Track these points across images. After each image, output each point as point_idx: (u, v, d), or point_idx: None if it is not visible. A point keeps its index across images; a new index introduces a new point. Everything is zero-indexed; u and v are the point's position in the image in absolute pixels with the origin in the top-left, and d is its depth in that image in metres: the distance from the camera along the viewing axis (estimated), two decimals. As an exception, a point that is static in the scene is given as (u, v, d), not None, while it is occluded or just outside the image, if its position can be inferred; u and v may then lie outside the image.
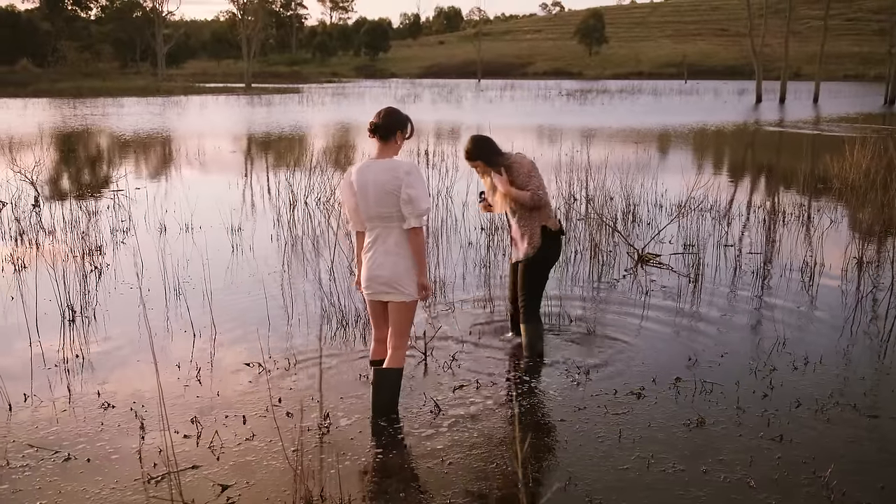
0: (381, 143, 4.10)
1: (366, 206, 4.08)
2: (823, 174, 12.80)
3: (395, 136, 4.09)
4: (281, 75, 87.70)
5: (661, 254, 7.90)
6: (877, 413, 4.29)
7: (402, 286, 4.11)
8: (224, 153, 17.96)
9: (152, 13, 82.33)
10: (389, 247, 4.08)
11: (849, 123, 27.19)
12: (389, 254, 4.09)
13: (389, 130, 4.08)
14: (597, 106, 39.12)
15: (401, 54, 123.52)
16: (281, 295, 6.50)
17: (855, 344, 5.41)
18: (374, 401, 4.27)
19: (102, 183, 13.26)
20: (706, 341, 5.43)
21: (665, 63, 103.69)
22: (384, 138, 4.09)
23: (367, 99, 46.30)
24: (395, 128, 4.08)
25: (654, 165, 14.50)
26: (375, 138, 4.11)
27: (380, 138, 4.09)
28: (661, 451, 3.84)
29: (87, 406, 4.39)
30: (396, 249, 4.08)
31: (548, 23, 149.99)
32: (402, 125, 4.11)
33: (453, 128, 25.40)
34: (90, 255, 7.69)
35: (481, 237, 8.69)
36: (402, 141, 4.14)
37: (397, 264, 4.08)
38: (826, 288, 6.77)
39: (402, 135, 4.12)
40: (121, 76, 71.30)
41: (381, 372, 4.25)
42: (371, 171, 4.05)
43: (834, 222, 9.60)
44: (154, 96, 47.24)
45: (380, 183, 4.00)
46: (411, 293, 4.13)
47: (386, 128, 4.07)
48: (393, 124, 4.08)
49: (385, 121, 4.07)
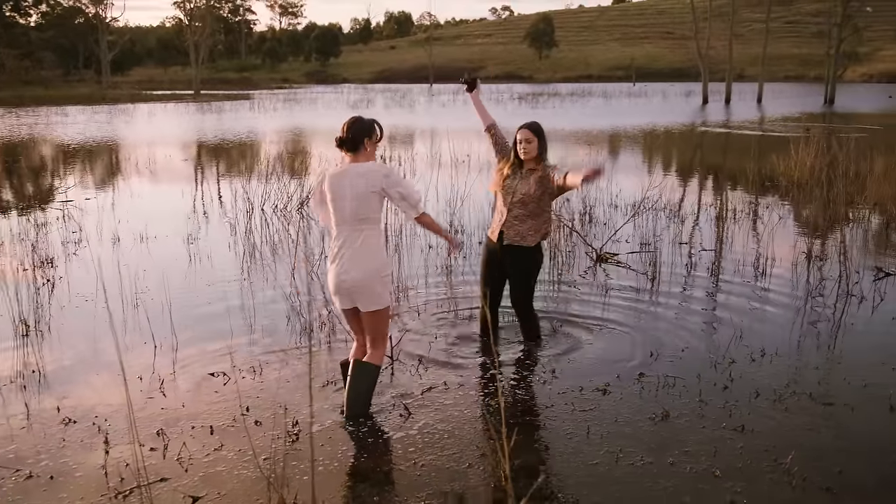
0: (351, 154, 4.15)
1: (341, 209, 4.11)
2: (770, 173, 13.15)
3: (363, 145, 4.13)
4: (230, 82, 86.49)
5: (619, 253, 8.03)
6: (831, 401, 4.44)
7: (370, 294, 4.14)
8: (175, 161, 17.67)
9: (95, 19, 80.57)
10: (357, 249, 4.11)
11: (794, 123, 27.99)
12: (356, 258, 4.11)
13: (356, 141, 4.12)
14: (548, 109, 39.54)
15: (352, 59, 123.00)
16: (242, 303, 6.44)
17: (807, 335, 5.60)
18: (350, 392, 4.29)
19: (51, 194, 12.94)
20: (667, 337, 5.55)
21: (614, 66, 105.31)
22: (352, 150, 4.13)
23: (319, 104, 46.02)
24: (360, 137, 4.12)
25: (608, 167, 14.72)
26: (344, 151, 4.14)
27: (348, 150, 4.14)
28: (628, 445, 3.91)
29: (46, 422, 4.29)
30: (364, 252, 4.10)
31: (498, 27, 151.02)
32: (367, 133, 4.14)
33: (408, 132, 25.40)
34: (41, 268, 7.50)
35: (441, 240, 8.71)
36: (372, 147, 4.17)
37: (365, 270, 4.10)
38: (778, 281, 6.97)
39: (371, 141, 4.15)
40: (64, 84, 69.56)
41: (360, 364, 4.28)
42: (347, 175, 4.10)
43: (782, 218, 9.88)
44: (99, 104, 46.19)
45: (356, 186, 4.06)
46: (381, 300, 4.16)
47: (352, 140, 4.11)
48: (358, 134, 4.11)
49: (349, 133, 4.11)
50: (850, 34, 49.43)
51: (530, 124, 5.13)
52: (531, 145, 5.07)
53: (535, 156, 5.10)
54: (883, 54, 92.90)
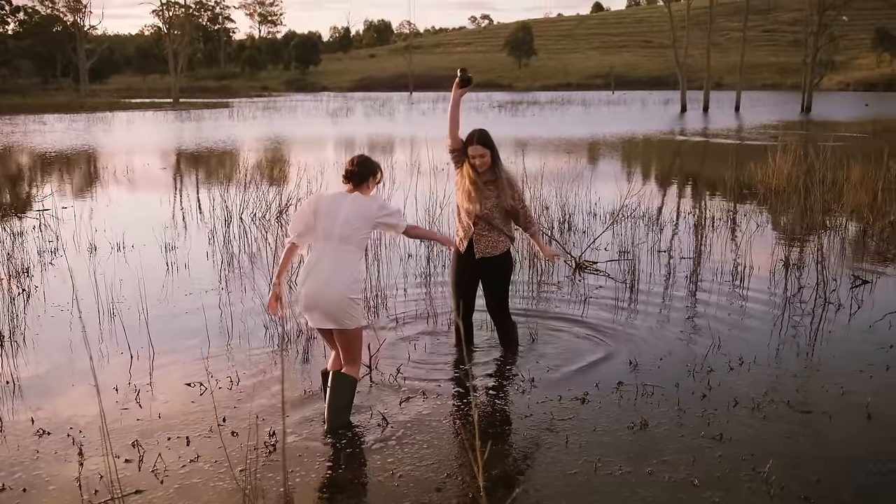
0: (355, 188, 4.35)
1: (329, 227, 4.20)
2: (748, 181, 13.28)
3: (367, 182, 4.37)
4: (210, 90, 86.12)
5: (598, 261, 8.06)
6: (809, 409, 4.47)
7: (345, 316, 4.17)
8: (154, 170, 17.55)
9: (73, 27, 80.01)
10: (332, 268, 4.15)
11: (773, 131, 28.28)
12: (329, 277, 4.13)
13: (363, 178, 4.36)
14: (528, 117, 39.71)
15: (332, 68, 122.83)
16: (220, 313, 6.39)
17: (786, 343, 5.63)
18: (329, 404, 4.28)
19: (27, 203, 12.78)
20: (645, 345, 5.56)
21: (593, 74, 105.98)
22: (358, 184, 4.35)
23: (299, 113, 45.91)
24: (367, 175, 4.37)
25: (587, 175, 14.78)
26: (350, 184, 4.34)
27: (354, 185, 4.35)
28: (607, 455, 3.91)
29: (20, 434, 4.22)
30: (338, 272, 4.14)
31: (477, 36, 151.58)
32: (373, 173, 4.41)
33: (388, 141, 25.40)
34: (17, 278, 7.40)
35: (421, 249, 8.71)
36: (373, 185, 4.43)
37: (343, 291, 4.13)
38: (756, 289, 7.02)
39: (374, 179, 4.41)
40: (42, 92, 68.97)
41: (339, 374, 4.29)
42: (346, 200, 4.29)
43: (760, 226, 9.97)
44: (78, 112, 45.78)
45: (351, 212, 4.23)
46: (353, 321, 4.20)
47: (360, 176, 4.36)
48: (366, 172, 4.37)
49: (359, 169, 4.35)
50: (827, 43, 50.14)
51: (478, 137, 5.09)
52: (484, 159, 5.07)
53: (490, 165, 5.11)
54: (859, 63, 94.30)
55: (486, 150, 5.05)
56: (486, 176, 5.12)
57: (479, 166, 5.08)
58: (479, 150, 5.06)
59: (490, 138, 5.13)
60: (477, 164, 5.07)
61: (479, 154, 5.06)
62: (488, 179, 5.11)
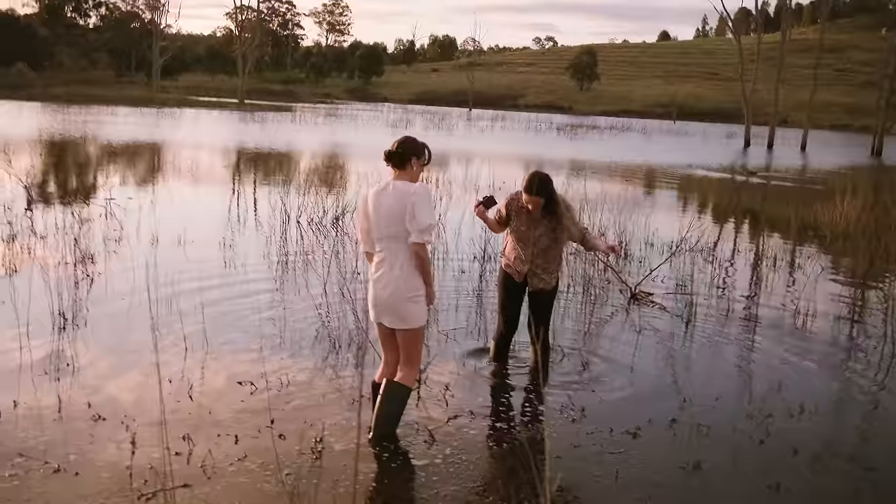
0: (397, 169, 4.16)
1: (377, 227, 4.14)
2: (814, 222, 12.94)
3: (409, 163, 4.15)
4: (274, 93, 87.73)
5: (654, 293, 7.91)
6: (873, 465, 4.30)
7: (405, 314, 4.14)
8: (217, 167, 17.92)
9: (150, 25, 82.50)
10: (395, 269, 4.12)
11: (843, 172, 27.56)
12: (394, 277, 4.11)
13: (404, 158, 4.14)
14: (587, 141, 39.47)
15: (394, 79, 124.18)
16: (274, 314, 6.45)
17: (848, 393, 5.45)
18: (378, 413, 4.27)
19: (95, 190, 13.16)
20: (700, 383, 5.43)
21: (654, 103, 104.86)
22: (399, 166, 4.16)
23: (359, 121, 46.46)
24: (409, 155, 4.15)
25: (646, 203, 14.61)
26: (391, 165, 4.17)
27: (394, 166, 4.16)
28: (657, 494, 3.82)
29: (76, 417, 4.31)
30: (401, 272, 4.10)
31: (541, 57, 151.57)
32: (417, 153, 4.17)
33: (445, 155, 25.50)
34: (82, 263, 7.60)
35: (474, 266, 8.68)
36: (419, 168, 4.20)
37: (401, 289, 4.10)
38: (818, 334, 6.80)
39: (419, 161, 4.18)
40: (116, 85, 71.24)
41: (391, 384, 4.26)
42: (386, 193, 4.12)
43: (825, 269, 9.68)
44: (148, 106, 47.15)
45: (391, 205, 4.07)
46: (415, 320, 4.14)
47: (400, 156, 4.14)
48: (407, 152, 4.15)
49: (400, 149, 4.15)
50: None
51: (538, 188, 5.04)
52: (536, 207, 5.12)
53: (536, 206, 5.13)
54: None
55: (539, 203, 5.09)
56: (536, 213, 5.19)
57: (532, 210, 5.16)
58: (536, 202, 5.09)
59: (550, 186, 5.11)
60: (530, 208, 5.16)
61: (534, 204, 5.11)
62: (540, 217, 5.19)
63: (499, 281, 5.47)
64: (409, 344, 4.23)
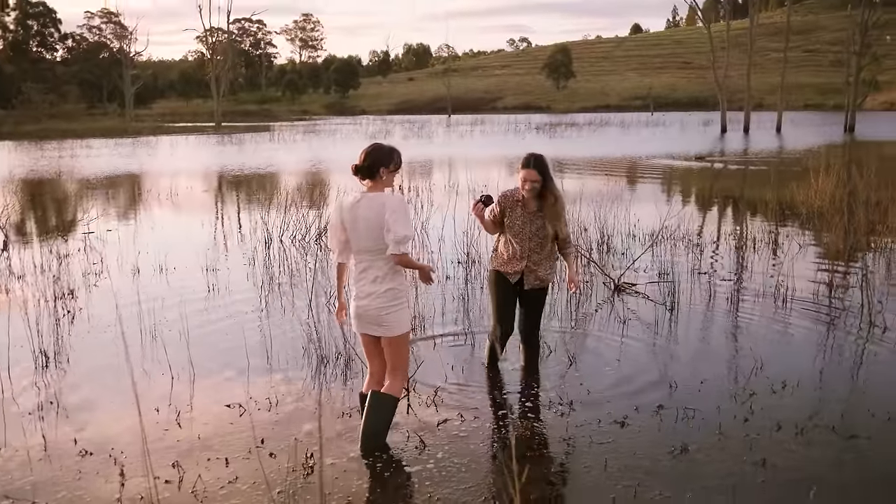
0: (368, 181, 4.16)
1: (356, 240, 4.15)
2: (790, 202, 13.06)
3: (379, 174, 4.13)
4: (251, 114, 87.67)
5: (637, 283, 7.97)
6: (855, 434, 4.35)
7: (388, 322, 4.17)
8: (196, 193, 17.88)
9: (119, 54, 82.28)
10: (377, 280, 4.14)
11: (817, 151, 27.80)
12: (376, 287, 4.13)
13: (372, 169, 4.12)
14: (566, 138, 39.64)
15: (371, 91, 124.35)
16: (260, 334, 6.45)
17: (830, 366, 5.52)
18: (366, 424, 4.27)
19: (73, 226, 13.11)
20: (685, 368, 5.48)
21: (631, 96, 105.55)
22: (369, 177, 4.14)
23: (338, 136, 46.47)
24: (377, 166, 4.13)
25: (626, 196, 14.70)
26: (360, 179, 4.17)
27: (363, 178, 4.15)
28: (647, 480, 3.85)
29: (63, 454, 4.30)
30: (383, 282, 4.13)
31: (515, 58, 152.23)
32: (384, 162, 4.14)
33: (427, 163, 25.55)
34: (62, 299, 7.58)
35: (458, 270, 8.71)
36: (388, 176, 4.18)
37: (382, 298, 4.13)
38: (798, 311, 6.88)
39: (387, 170, 4.16)
40: (88, 117, 70.84)
41: (377, 395, 4.26)
42: (360, 206, 4.11)
43: (802, 247, 9.78)
44: (123, 137, 46.96)
45: (369, 218, 4.07)
46: (399, 327, 4.18)
47: (368, 168, 4.12)
48: (375, 163, 4.12)
49: (367, 161, 4.12)
50: (870, 62, 49.32)
51: (535, 162, 4.99)
52: (535, 185, 4.99)
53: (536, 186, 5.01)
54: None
55: (539, 178, 4.97)
56: (531, 206, 5.10)
57: (530, 190, 5.01)
58: (532, 175, 4.97)
59: (546, 165, 5.05)
60: (526, 188, 5.01)
61: (531, 179, 4.97)
62: (538, 208, 5.10)
63: (491, 283, 5.33)
64: (394, 352, 4.25)
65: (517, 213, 5.13)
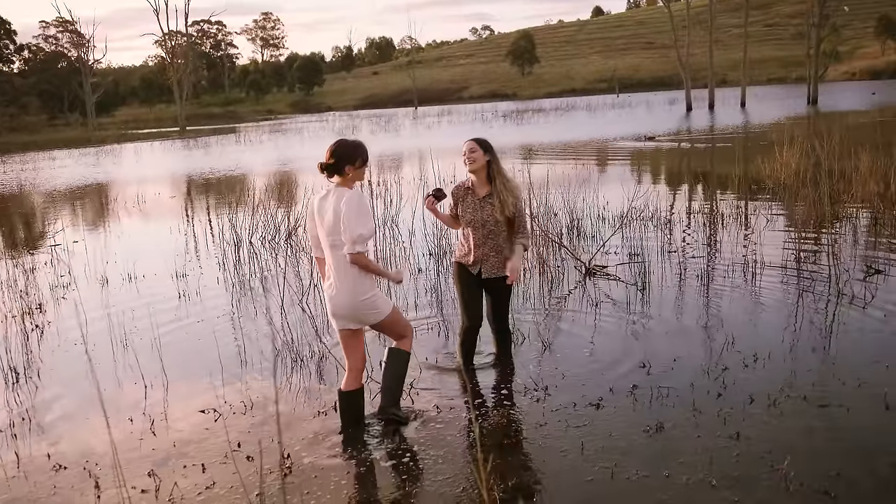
0: (335, 177, 4.19)
1: (324, 234, 4.21)
2: (756, 176, 13.20)
3: (345, 172, 4.16)
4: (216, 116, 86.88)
5: (608, 265, 8.02)
6: (826, 403, 4.42)
7: (368, 313, 4.24)
8: (164, 199, 17.67)
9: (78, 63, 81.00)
10: (344, 276, 4.17)
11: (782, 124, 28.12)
12: (344, 284, 4.16)
13: (337, 167, 4.15)
14: (533, 125, 39.72)
15: (336, 87, 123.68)
16: (232, 338, 6.40)
17: (800, 337, 5.58)
18: (386, 374, 4.42)
19: (39, 239, 12.91)
20: (658, 347, 5.52)
21: (596, 79, 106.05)
22: (336, 174, 4.17)
23: (305, 134, 46.14)
24: (343, 162, 4.14)
25: (595, 179, 14.77)
26: (327, 176, 4.19)
27: (329, 176, 4.18)
28: (623, 460, 3.88)
29: (37, 469, 4.24)
30: (350, 278, 4.16)
31: (479, 47, 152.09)
32: (350, 160, 4.14)
33: (395, 156, 25.46)
34: (30, 314, 7.46)
35: (430, 263, 8.71)
36: (355, 172, 4.18)
37: (353, 293, 4.17)
38: (768, 285, 6.96)
39: (353, 167, 4.16)
40: (50, 128, 69.79)
41: (392, 350, 4.44)
42: (328, 201, 4.17)
43: (770, 221, 9.90)
44: (86, 147, 46.23)
45: (330, 215, 4.12)
46: (382, 311, 4.27)
47: (334, 166, 4.15)
48: (341, 161, 4.14)
49: (333, 158, 4.14)
50: (829, 33, 49.97)
51: (476, 138, 5.07)
52: (475, 154, 4.98)
53: (483, 169, 5.01)
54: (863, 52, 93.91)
55: (476, 147, 4.98)
56: (480, 192, 5.07)
57: (469, 163, 5.00)
58: (470, 145, 4.99)
59: (489, 144, 5.05)
60: (466, 159, 5.00)
61: (469, 149, 4.98)
62: (485, 196, 5.07)
63: (454, 276, 5.32)
64: (391, 328, 4.42)
65: (468, 201, 5.11)
